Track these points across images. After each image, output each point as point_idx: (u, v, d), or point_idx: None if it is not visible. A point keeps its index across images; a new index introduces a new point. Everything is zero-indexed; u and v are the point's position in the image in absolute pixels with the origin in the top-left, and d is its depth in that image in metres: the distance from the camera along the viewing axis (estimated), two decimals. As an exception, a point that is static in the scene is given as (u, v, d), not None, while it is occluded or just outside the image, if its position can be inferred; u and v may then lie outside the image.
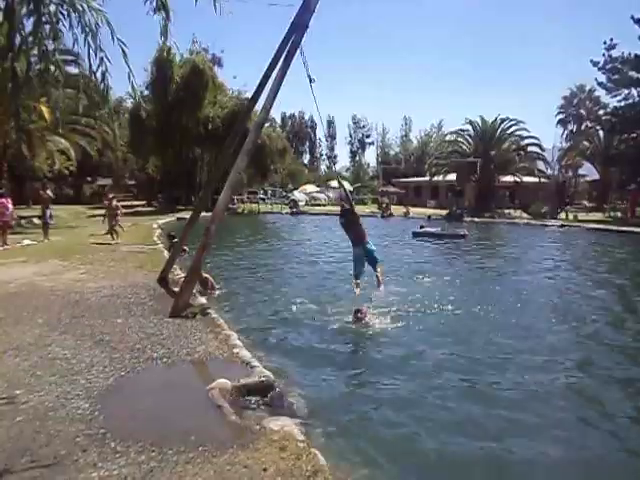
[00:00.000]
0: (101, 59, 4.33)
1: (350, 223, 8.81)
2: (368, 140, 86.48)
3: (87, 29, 4.19)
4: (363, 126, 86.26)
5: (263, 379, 4.74)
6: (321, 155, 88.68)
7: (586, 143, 47.63)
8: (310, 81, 7.86)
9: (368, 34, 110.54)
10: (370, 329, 7.32)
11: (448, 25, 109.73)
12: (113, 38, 4.38)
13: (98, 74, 4.37)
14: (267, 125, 35.94)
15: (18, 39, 4.24)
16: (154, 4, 4.29)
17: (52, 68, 4.37)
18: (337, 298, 9.46)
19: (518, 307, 9.11)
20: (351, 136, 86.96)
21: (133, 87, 5.01)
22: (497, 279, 12.36)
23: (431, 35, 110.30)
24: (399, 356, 6.37)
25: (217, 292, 9.57)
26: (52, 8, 4.01)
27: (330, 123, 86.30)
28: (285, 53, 7.63)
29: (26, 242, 15.53)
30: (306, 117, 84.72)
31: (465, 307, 8.74)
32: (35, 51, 4.21)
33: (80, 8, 4.18)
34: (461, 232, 22.74)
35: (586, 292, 10.90)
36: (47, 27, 4.02)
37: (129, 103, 40.91)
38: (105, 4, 4.38)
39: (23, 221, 20.79)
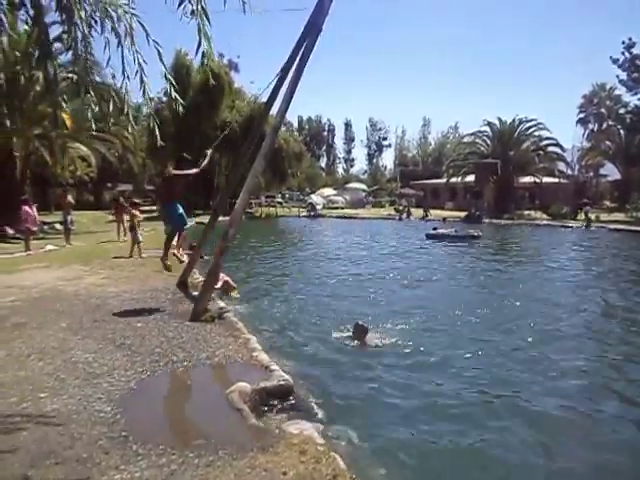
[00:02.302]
0: (138, 62, 4.38)
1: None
2: (385, 142, 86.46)
3: (123, 32, 4.23)
4: (380, 128, 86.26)
5: (282, 382, 4.74)
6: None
7: (607, 142, 46.72)
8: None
9: (385, 34, 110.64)
10: (382, 339, 7.04)
11: (466, 24, 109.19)
12: (148, 40, 4.42)
13: (136, 78, 4.43)
14: (284, 129, 36.04)
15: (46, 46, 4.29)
16: (188, 9, 4.26)
17: (85, 74, 4.40)
18: (354, 301, 9.44)
19: (537, 317, 8.97)
20: (368, 139, 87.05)
21: (171, 83, 5.00)
22: (511, 283, 12.12)
23: (448, 34, 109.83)
24: (412, 366, 6.18)
25: (235, 293, 9.62)
26: (83, 14, 4.04)
27: (347, 125, 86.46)
28: (299, 57, 7.64)
29: (49, 247, 15.81)
30: (323, 120, 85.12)
31: (470, 312, 8.67)
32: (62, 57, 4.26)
33: (114, 15, 4.22)
34: (474, 233, 22.59)
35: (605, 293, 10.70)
36: (79, 34, 4.06)
37: (146, 110, 41.46)
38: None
39: (46, 227, 21.18)
